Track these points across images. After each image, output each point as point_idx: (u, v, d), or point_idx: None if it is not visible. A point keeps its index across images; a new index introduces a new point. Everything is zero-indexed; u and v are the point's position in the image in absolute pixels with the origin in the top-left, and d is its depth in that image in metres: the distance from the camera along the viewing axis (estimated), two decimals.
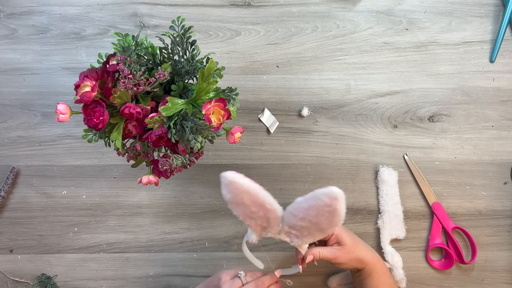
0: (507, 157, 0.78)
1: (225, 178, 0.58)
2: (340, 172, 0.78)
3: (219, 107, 0.55)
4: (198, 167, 0.78)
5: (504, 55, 0.77)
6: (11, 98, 0.77)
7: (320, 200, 0.57)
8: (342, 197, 0.56)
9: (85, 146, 0.77)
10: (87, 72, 0.55)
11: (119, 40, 0.57)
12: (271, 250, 0.79)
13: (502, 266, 0.78)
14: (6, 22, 0.76)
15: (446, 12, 0.77)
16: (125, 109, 0.55)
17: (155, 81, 0.55)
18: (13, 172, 0.77)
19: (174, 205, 0.79)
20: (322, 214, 0.57)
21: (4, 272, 0.79)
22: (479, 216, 0.78)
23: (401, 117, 0.78)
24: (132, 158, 0.61)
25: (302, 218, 0.59)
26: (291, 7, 0.77)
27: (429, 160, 0.78)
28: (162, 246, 0.79)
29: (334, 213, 0.57)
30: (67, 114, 0.55)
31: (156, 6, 0.77)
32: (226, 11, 0.77)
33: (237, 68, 0.77)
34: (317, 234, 0.61)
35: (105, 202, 0.78)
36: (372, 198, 0.78)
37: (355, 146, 0.78)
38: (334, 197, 0.56)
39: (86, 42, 0.77)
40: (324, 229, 0.60)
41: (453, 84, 0.77)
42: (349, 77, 0.77)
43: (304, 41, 0.77)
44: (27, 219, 0.78)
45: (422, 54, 0.77)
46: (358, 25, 0.77)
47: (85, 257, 0.79)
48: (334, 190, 0.55)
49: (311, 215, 0.58)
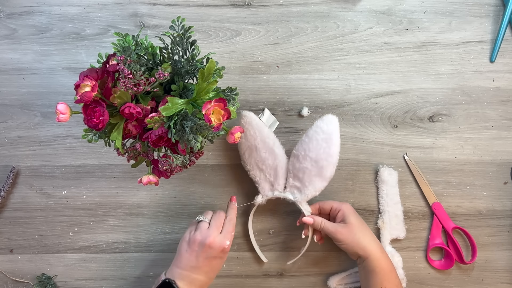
0: (507, 157, 0.78)
1: (246, 117, 0.71)
2: (340, 172, 0.78)
3: (219, 107, 0.55)
4: (198, 167, 0.78)
5: (504, 55, 0.77)
6: (11, 98, 0.77)
7: (318, 127, 0.70)
8: (336, 121, 0.70)
9: (85, 146, 0.77)
10: (87, 72, 0.55)
11: (119, 40, 0.57)
12: (271, 250, 0.79)
13: (502, 266, 0.78)
14: (6, 22, 0.76)
15: (446, 12, 0.77)
16: (125, 109, 0.55)
17: (155, 81, 0.55)
18: (13, 172, 0.77)
19: (174, 205, 0.79)
20: (320, 146, 0.69)
21: (4, 272, 0.78)
22: (479, 216, 0.78)
23: (401, 117, 0.78)
24: (132, 158, 0.61)
25: (303, 156, 0.70)
26: (291, 7, 0.77)
27: (429, 160, 0.78)
28: (162, 246, 0.79)
29: (330, 142, 0.69)
30: (67, 114, 0.55)
31: (156, 6, 0.77)
32: (226, 11, 0.77)
33: (237, 68, 0.77)
34: (317, 181, 0.71)
35: (105, 202, 0.78)
36: (372, 198, 0.78)
37: (355, 146, 0.78)
38: (329, 122, 0.70)
39: (86, 42, 0.77)
40: (323, 170, 0.70)
41: (453, 84, 0.77)
42: (349, 77, 0.77)
43: (304, 41, 0.77)
44: (27, 219, 0.78)
45: (422, 54, 0.77)
46: (358, 25, 0.77)
47: (85, 257, 0.79)
48: (329, 116, 0.70)
49: (311, 149, 0.70)
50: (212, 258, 0.65)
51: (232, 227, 0.67)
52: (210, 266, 0.65)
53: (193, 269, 0.65)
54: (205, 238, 0.65)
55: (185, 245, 0.66)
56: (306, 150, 0.71)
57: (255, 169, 0.73)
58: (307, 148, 0.71)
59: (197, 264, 0.65)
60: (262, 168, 0.72)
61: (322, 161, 0.70)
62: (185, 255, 0.66)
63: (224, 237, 0.65)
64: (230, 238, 0.66)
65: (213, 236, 0.65)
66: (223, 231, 0.66)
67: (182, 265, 0.65)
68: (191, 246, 0.65)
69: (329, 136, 0.70)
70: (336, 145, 0.70)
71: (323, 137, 0.70)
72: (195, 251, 0.65)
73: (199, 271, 0.65)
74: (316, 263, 0.78)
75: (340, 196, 0.78)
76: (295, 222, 0.78)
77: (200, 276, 0.65)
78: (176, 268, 0.66)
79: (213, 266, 0.65)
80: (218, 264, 0.66)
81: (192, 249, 0.65)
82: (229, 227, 0.67)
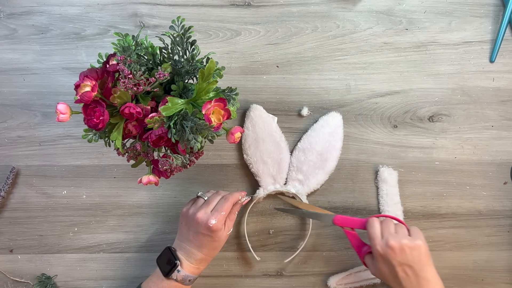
0: (507, 157, 0.78)
1: (256, 110, 0.74)
2: (340, 172, 0.78)
3: (219, 107, 0.55)
4: (198, 167, 0.78)
5: (504, 55, 0.77)
6: (11, 98, 0.77)
7: (325, 122, 0.74)
8: (340, 118, 0.75)
9: (85, 146, 0.77)
10: (87, 72, 0.55)
11: (119, 40, 0.57)
12: (271, 250, 0.79)
13: (502, 266, 0.78)
14: (6, 22, 0.76)
15: (446, 12, 0.77)
16: (125, 109, 0.55)
17: (155, 81, 0.55)
18: (13, 172, 0.77)
19: (174, 205, 0.79)
20: (326, 140, 0.74)
21: (4, 272, 0.79)
22: (479, 216, 0.78)
23: (401, 117, 0.78)
24: (132, 158, 0.61)
25: (309, 149, 0.74)
26: (291, 7, 0.77)
27: (429, 160, 0.78)
28: (162, 246, 0.79)
29: (336, 136, 0.74)
30: (67, 114, 0.55)
31: (156, 6, 0.77)
32: (226, 11, 0.77)
33: (237, 68, 0.77)
34: (320, 173, 0.75)
35: (105, 202, 0.78)
36: (372, 198, 0.78)
37: (355, 146, 0.78)
38: (334, 117, 0.74)
39: (86, 42, 0.77)
40: (327, 163, 0.74)
41: (453, 84, 0.77)
42: (349, 77, 0.77)
43: (304, 41, 0.77)
44: (27, 219, 0.78)
45: (422, 54, 0.77)
46: (358, 25, 0.77)
47: (85, 257, 0.79)
48: (333, 113, 0.75)
49: (317, 142, 0.74)
50: (200, 234, 0.65)
51: (225, 208, 0.66)
52: (200, 242, 0.66)
53: (187, 242, 0.67)
54: (194, 213, 0.66)
55: (180, 218, 0.69)
56: (312, 143, 0.74)
57: (259, 162, 0.74)
58: (313, 141, 0.74)
59: (188, 237, 0.67)
60: (267, 161, 0.74)
61: (326, 153, 0.74)
62: (180, 228, 0.69)
63: (211, 215, 0.65)
64: (219, 218, 0.65)
65: (202, 212, 0.65)
66: (213, 210, 0.66)
67: (180, 237, 0.68)
68: (184, 219, 0.68)
69: (335, 130, 0.75)
70: (341, 140, 0.75)
71: (329, 131, 0.74)
72: (187, 224, 0.67)
73: (191, 245, 0.67)
74: (316, 263, 0.79)
75: (340, 196, 0.78)
76: (295, 222, 0.79)
77: (194, 250, 0.66)
78: (177, 239, 0.69)
79: (203, 243, 0.66)
80: (208, 242, 0.66)
81: (185, 222, 0.67)
82: (221, 207, 0.66)
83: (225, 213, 0.66)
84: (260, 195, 0.75)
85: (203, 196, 0.69)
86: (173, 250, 0.67)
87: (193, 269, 0.67)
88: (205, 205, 0.67)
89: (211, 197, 0.68)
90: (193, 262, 0.67)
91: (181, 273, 0.65)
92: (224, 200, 0.68)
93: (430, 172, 0.78)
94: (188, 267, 0.66)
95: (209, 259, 0.68)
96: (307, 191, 0.76)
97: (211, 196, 0.69)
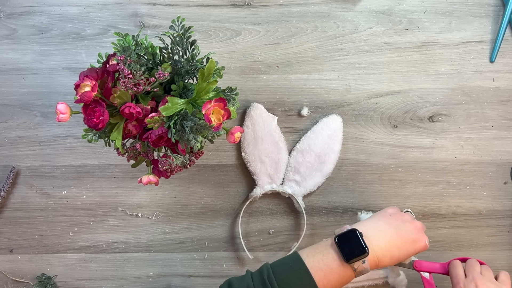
0: (507, 157, 0.78)
1: (256, 108, 0.74)
2: (340, 172, 0.78)
3: (219, 107, 0.55)
4: (198, 167, 0.78)
5: (504, 55, 0.77)
6: (11, 98, 0.77)
7: (325, 124, 0.74)
8: (340, 121, 0.75)
9: (85, 146, 0.77)
10: (87, 72, 0.55)
11: (119, 40, 0.57)
12: (271, 250, 0.79)
13: (502, 266, 0.78)
14: (6, 22, 0.76)
15: (446, 12, 0.77)
16: (125, 109, 0.55)
17: (155, 81, 0.55)
18: (13, 172, 0.77)
19: (174, 205, 0.79)
20: (325, 142, 0.74)
21: (4, 272, 0.79)
22: (479, 216, 0.78)
23: (401, 117, 0.78)
24: (132, 158, 0.61)
25: (308, 150, 0.74)
26: (291, 7, 0.77)
27: (429, 160, 0.78)
28: (162, 246, 0.79)
29: (335, 139, 0.75)
30: (67, 114, 0.56)
31: (156, 6, 0.77)
32: (226, 11, 0.77)
33: (237, 68, 0.77)
34: (317, 176, 0.75)
35: (105, 202, 0.78)
36: (372, 198, 0.78)
37: (355, 146, 0.78)
38: (334, 120, 0.75)
39: (86, 42, 0.77)
40: (324, 166, 0.74)
41: (453, 84, 0.77)
42: (349, 77, 0.77)
43: (304, 41, 0.77)
44: (27, 219, 0.78)
45: (422, 54, 0.77)
46: (358, 25, 0.77)
47: (85, 257, 0.79)
48: (334, 115, 0.75)
49: (316, 144, 0.74)
50: (407, 238, 0.62)
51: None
52: (399, 242, 0.62)
53: (382, 234, 0.62)
54: (413, 221, 0.64)
55: (387, 211, 0.66)
56: (311, 145, 0.74)
57: (257, 160, 0.74)
58: (312, 143, 0.74)
59: (390, 231, 0.62)
60: (265, 160, 0.74)
61: (324, 156, 0.74)
62: (380, 217, 0.65)
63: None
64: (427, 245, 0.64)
65: (421, 227, 0.64)
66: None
67: (373, 225, 0.63)
68: (396, 216, 0.64)
69: (334, 133, 0.75)
70: (339, 143, 0.75)
71: (329, 133, 0.74)
72: (396, 220, 0.63)
73: (386, 238, 0.62)
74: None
75: (340, 196, 0.78)
76: (295, 222, 0.79)
77: (386, 245, 0.61)
78: (364, 225, 0.63)
79: (402, 244, 0.62)
80: (407, 247, 0.62)
81: (395, 218, 0.64)
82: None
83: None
84: (257, 194, 0.75)
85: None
86: (361, 235, 0.58)
87: (373, 264, 0.59)
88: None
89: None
90: (379, 255, 0.59)
91: (365, 265, 0.57)
92: None
93: (430, 172, 0.78)
94: (372, 259, 0.58)
95: (391, 262, 0.61)
96: (304, 192, 0.76)
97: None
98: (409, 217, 0.64)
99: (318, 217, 0.79)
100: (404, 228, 0.62)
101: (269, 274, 0.57)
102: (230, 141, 0.60)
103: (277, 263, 0.59)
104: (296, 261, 0.58)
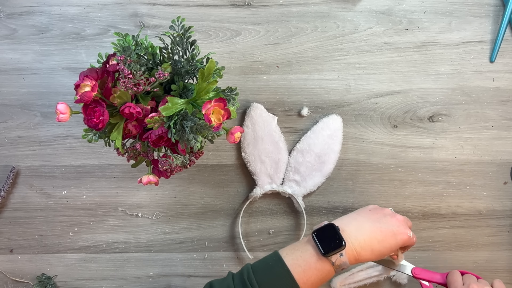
0: (507, 157, 0.78)
1: (256, 108, 0.74)
2: (340, 172, 0.78)
3: (219, 107, 0.55)
4: (198, 167, 0.78)
5: (504, 55, 0.77)
6: (11, 98, 0.77)
7: (325, 124, 0.75)
8: (341, 121, 0.75)
9: (85, 146, 0.78)
10: (87, 72, 0.55)
11: (119, 40, 0.57)
12: (271, 250, 0.79)
13: (502, 266, 0.78)
14: (6, 22, 0.76)
15: (446, 12, 0.77)
16: (125, 109, 0.55)
17: (155, 81, 0.55)
18: (13, 172, 0.77)
19: (174, 205, 0.79)
20: (325, 142, 0.74)
21: (4, 272, 0.79)
22: (479, 216, 0.78)
23: (401, 117, 0.78)
24: (132, 158, 0.61)
25: (308, 150, 0.74)
26: (291, 7, 0.77)
27: (429, 160, 0.78)
28: (162, 246, 0.79)
29: (335, 139, 0.74)
30: (67, 114, 0.56)
31: (156, 6, 0.77)
32: (226, 11, 0.77)
33: (237, 68, 0.77)
34: (317, 176, 0.75)
35: (105, 202, 0.78)
36: (372, 198, 0.78)
37: (355, 146, 0.78)
38: (335, 120, 0.75)
39: (86, 42, 0.77)
40: (324, 166, 0.74)
41: (453, 84, 0.77)
42: (349, 77, 0.77)
43: (304, 41, 0.77)
44: (27, 219, 0.78)
45: (422, 54, 0.77)
46: (358, 25, 0.77)
47: (85, 257, 0.79)
48: (334, 116, 0.75)
49: (316, 144, 0.74)
50: (387, 230, 0.63)
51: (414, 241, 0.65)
52: (380, 235, 0.62)
53: (362, 228, 0.62)
54: (394, 215, 0.65)
55: (368, 207, 0.67)
56: (311, 145, 0.74)
57: (257, 160, 0.74)
58: (312, 143, 0.74)
59: (368, 224, 0.63)
60: (265, 160, 0.74)
61: (324, 156, 0.74)
62: (360, 213, 0.66)
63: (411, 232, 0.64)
64: (414, 241, 0.65)
65: (405, 223, 0.65)
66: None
67: (352, 221, 0.64)
68: (376, 211, 0.66)
69: (334, 133, 0.75)
70: (339, 143, 0.75)
71: (329, 134, 0.74)
72: (377, 214, 0.65)
73: (366, 233, 0.62)
74: None
75: (340, 196, 0.78)
76: (295, 222, 0.79)
77: (365, 239, 0.62)
78: (343, 220, 0.64)
79: (382, 238, 0.62)
80: (389, 240, 0.62)
81: (375, 212, 0.66)
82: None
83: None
84: (257, 194, 0.75)
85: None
86: (338, 229, 0.59)
87: (353, 258, 0.59)
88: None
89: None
90: (357, 248, 0.59)
91: (343, 258, 0.57)
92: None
93: (430, 172, 0.78)
94: (350, 253, 0.58)
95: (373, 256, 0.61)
96: (303, 192, 0.76)
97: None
98: (390, 212, 0.65)
99: (318, 217, 0.79)
100: (385, 221, 0.62)
101: (249, 274, 0.58)
102: (230, 141, 0.60)
103: (258, 263, 0.60)
104: (276, 260, 0.59)
